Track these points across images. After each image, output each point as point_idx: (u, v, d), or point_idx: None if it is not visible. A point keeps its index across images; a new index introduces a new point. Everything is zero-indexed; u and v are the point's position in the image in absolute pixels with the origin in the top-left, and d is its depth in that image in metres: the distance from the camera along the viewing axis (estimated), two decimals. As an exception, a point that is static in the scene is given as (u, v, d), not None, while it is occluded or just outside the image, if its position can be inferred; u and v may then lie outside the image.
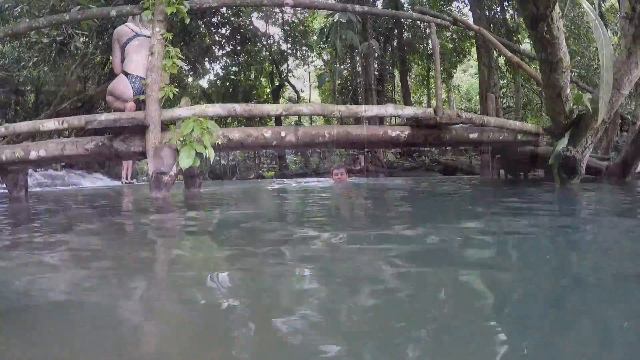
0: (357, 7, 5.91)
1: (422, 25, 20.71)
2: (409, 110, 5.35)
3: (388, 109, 5.28)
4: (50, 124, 4.96)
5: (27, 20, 8.64)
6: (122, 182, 12.77)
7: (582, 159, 5.01)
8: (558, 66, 4.24)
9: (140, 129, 4.42)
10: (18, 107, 17.53)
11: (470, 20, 18.88)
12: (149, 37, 5.42)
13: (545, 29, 3.75)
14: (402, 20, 20.88)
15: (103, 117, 4.51)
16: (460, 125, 5.79)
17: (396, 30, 23.46)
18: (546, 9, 3.61)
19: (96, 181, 14.10)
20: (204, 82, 26.48)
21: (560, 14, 3.92)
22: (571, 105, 4.83)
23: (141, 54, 5.50)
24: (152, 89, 4.46)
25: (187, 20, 4.89)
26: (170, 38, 4.73)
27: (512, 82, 21.04)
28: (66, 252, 1.89)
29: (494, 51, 15.17)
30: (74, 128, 5.16)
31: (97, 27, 12.33)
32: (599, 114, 2.84)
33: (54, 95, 15.02)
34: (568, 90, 4.63)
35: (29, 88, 17.91)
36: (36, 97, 17.99)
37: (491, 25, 18.74)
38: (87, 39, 12.99)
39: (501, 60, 19.51)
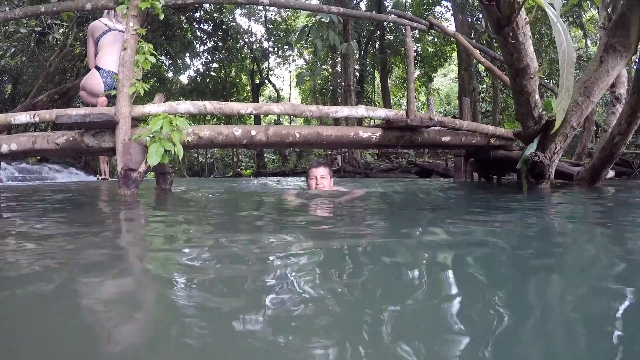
0: (333, 8, 5.91)
1: (403, 29, 20.78)
2: (380, 112, 5.38)
3: (359, 111, 5.30)
4: (22, 117, 4.89)
5: (7, 9, 8.52)
6: (98, 178, 12.68)
7: (551, 164, 5.09)
8: (525, 72, 4.31)
9: (110, 125, 4.39)
10: (-6, 98, 17.32)
11: (453, 26, 19.07)
12: (122, 31, 5.41)
13: (511, 34, 3.80)
14: (385, 22, 21.00)
15: (74, 112, 4.46)
16: (439, 128, 5.84)
17: (378, 32, 23.61)
18: (511, 14, 3.66)
19: (71, 176, 13.97)
20: (184, 78, 26.34)
21: (527, 19, 3.98)
22: (540, 111, 4.91)
23: (113, 48, 5.47)
24: (123, 84, 4.43)
25: (162, 17, 4.86)
26: (144, 33, 4.70)
27: (491, 87, 21.29)
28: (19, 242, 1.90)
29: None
30: (46, 122, 5.09)
31: (77, 19, 12.18)
32: (556, 120, 2.92)
33: (31, 87, 14.81)
34: (537, 96, 4.70)
35: (6, 78, 17.65)
36: (13, 87, 17.73)
37: (473, 30, 18.95)
38: (67, 30, 12.83)
39: (481, 65, 19.72)
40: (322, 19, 11.35)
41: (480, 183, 7.39)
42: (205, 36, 22.52)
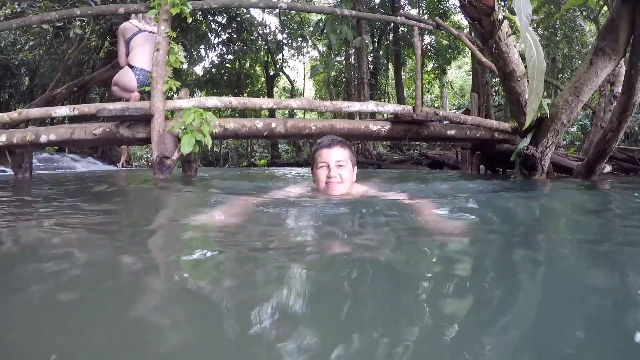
0: (346, 11, 6.37)
1: (412, 28, 20.89)
2: (389, 107, 5.85)
3: (369, 106, 5.77)
4: (62, 111, 5.42)
5: (25, 5, 8.91)
6: (118, 167, 13.16)
7: (543, 158, 5.51)
8: (512, 76, 4.79)
9: (146, 118, 4.92)
10: (12, 90, 17.63)
11: (465, 20, 19.26)
12: (152, 32, 5.95)
13: (494, 45, 4.28)
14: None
15: (112, 107, 4.97)
16: (447, 122, 6.27)
17: (392, 25, 23.81)
18: (492, 29, 4.14)
19: (90, 165, 14.25)
20: (199, 69, 26.61)
21: (509, 32, 4.44)
22: (531, 109, 5.35)
23: (145, 48, 6.01)
24: (157, 82, 4.94)
25: (190, 20, 5.33)
26: (174, 36, 5.19)
27: (502, 80, 21.42)
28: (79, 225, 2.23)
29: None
30: (85, 115, 5.56)
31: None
32: (526, 120, 3.39)
33: (48, 79, 15.06)
34: (526, 96, 5.13)
35: (23, 71, 17.91)
36: (31, 80, 18.00)
37: (483, 24, 19.15)
38: (84, 24, 13.20)
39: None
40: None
41: (484, 175, 7.69)
42: (220, 28, 22.78)
